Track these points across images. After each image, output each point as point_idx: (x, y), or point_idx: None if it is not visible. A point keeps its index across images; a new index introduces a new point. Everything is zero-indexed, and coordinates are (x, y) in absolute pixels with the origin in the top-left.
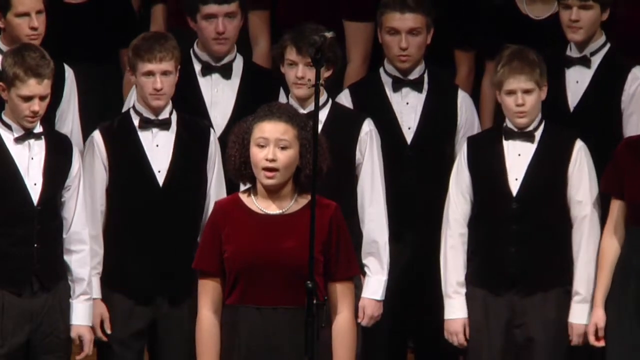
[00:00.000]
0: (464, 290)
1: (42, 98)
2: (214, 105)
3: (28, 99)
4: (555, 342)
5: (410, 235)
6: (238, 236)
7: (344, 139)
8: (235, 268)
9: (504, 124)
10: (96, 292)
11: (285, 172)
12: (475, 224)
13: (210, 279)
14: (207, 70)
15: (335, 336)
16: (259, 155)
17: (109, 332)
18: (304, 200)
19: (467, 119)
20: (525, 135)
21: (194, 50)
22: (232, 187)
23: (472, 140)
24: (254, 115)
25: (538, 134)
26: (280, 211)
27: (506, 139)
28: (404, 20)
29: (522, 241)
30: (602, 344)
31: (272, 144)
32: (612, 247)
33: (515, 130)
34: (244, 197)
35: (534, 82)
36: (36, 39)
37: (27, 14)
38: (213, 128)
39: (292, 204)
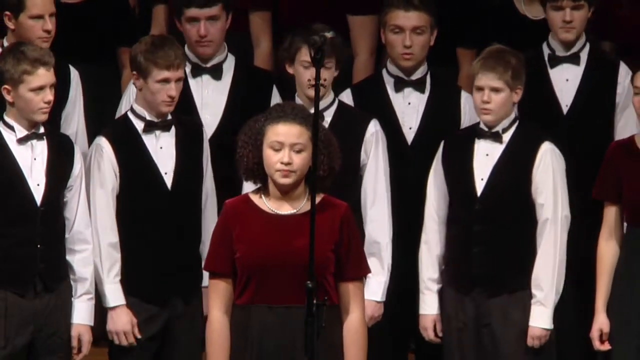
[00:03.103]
0: (435, 287)
1: (51, 86)
2: (204, 107)
3: (40, 89)
4: (520, 343)
5: (411, 235)
6: (249, 236)
7: (349, 139)
8: (247, 268)
9: (478, 123)
10: (120, 299)
11: (300, 173)
12: (449, 222)
13: (221, 279)
14: (196, 71)
15: (346, 336)
16: (273, 159)
17: (139, 336)
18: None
19: (470, 120)
20: (493, 135)
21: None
22: (232, 186)
23: (448, 139)
24: (265, 116)
25: (507, 135)
26: (293, 211)
27: (478, 138)
28: (408, 18)
29: (485, 242)
30: (607, 347)
31: (287, 147)
32: (610, 252)
33: (485, 129)
34: (254, 198)
35: (503, 81)
36: (47, 42)
37: (40, 17)
38: (203, 126)
39: (304, 204)
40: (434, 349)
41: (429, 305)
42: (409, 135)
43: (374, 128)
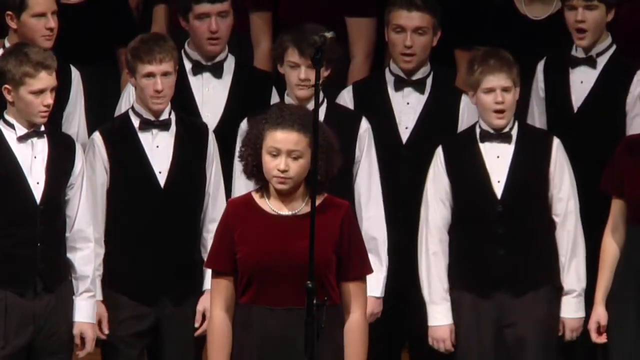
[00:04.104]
0: (448, 297)
1: (52, 90)
2: (205, 104)
3: (40, 92)
4: (546, 341)
5: (401, 235)
6: (251, 237)
7: (343, 137)
8: (248, 269)
9: (478, 126)
10: (97, 294)
11: (297, 180)
12: (458, 228)
13: (223, 278)
14: (197, 69)
15: (347, 336)
16: (271, 164)
17: (106, 332)
18: (316, 202)
19: (468, 123)
20: (502, 136)
21: (184, 49)
22: (226, 177)
23: (447, 145)
24: (265, 118)
25: (514, 135)
26: (294, 212)
27: (482, 141)
28: (410, 18)
29: (509, 243)
30: (604, 339)
31: (285, 154)
32: (612, 245)
33: (492, 131)
34: (256, 197)
35: (512, 80)
36: (51, 40)
37: (43, 15)
38: (208, 128)
39: (304, 206)
40: (428, 349)
41: (444, 315)
42: (404, 134)
43: (365, 125)
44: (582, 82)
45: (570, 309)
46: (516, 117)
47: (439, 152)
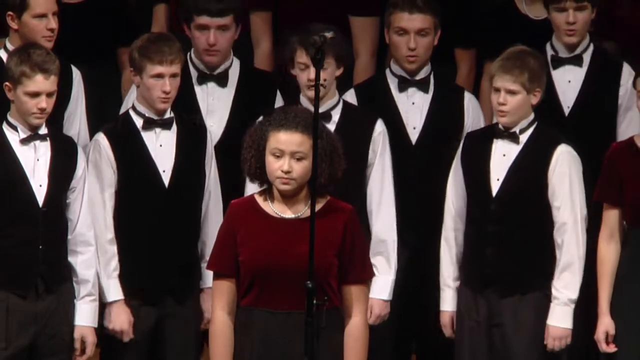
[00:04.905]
0: (454, 284)
1: (49, 95)
2: (209, 114)
3: (35, 95)
4: (530, 345)
5: (413, 235)
6: (253, 239)
7: (357, 139)
8: (250, 271)
9: (497, 123)
10: (118, 294)
11: (300, 181)
12: (466, 222)
13: (225, 280)
14: (202, 78)
15: (347, 340)
16: (274, 166)
17: (131, 336)
18: (318, 205)
19: (474, 121)
20: (510, 136)
21: (190, 57)
22: (238, 193)
23: (469, 137)
24: (269, 120)
25: (524, 136)
26: (297, 215)
27: (496, 138)
28: (412, 20)
29: (499, 242)
30: (613, 349)
31: (288, 155)
32: (611, 254)
33: (502, 130)
34: (259, 200)
35: (519, 84)
36: (51, 40)
37: (44, 15)
38: (207, 127)
39: (307, 209)
40: (436, 350)
41: (447, 302)
42: (413, 135)
43: (380, 127)
44: (569, 82)
45: (554, 317)
46: (536, 119)
47: (461, 144)
